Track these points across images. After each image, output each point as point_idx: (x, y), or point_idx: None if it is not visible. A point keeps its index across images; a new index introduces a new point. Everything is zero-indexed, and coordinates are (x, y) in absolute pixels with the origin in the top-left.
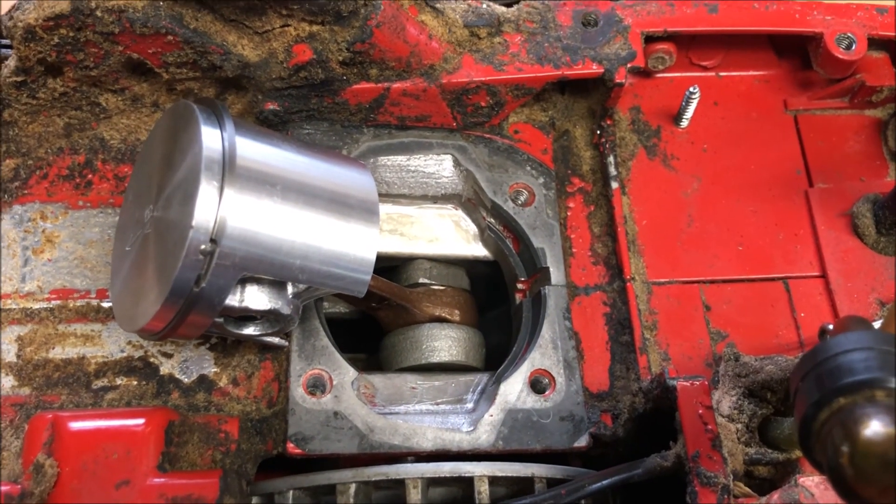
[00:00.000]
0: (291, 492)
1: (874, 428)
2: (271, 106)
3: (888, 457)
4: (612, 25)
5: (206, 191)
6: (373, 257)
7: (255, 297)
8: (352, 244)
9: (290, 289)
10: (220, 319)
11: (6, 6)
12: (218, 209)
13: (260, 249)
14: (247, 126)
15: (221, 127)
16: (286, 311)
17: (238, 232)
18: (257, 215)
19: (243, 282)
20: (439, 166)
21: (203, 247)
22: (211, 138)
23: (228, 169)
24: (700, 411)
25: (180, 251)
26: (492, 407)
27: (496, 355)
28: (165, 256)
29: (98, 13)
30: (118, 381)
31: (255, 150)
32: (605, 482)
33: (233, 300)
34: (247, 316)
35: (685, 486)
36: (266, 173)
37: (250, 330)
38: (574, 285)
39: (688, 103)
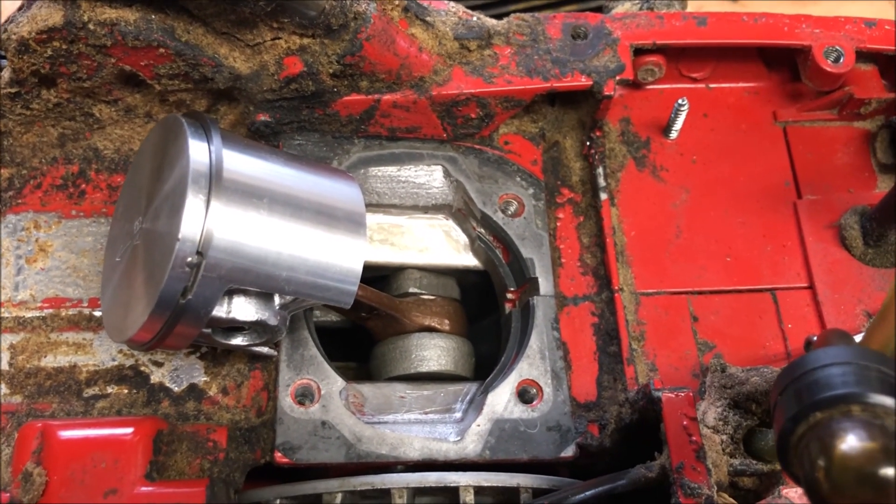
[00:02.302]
0: (278, 501)
1: (850, 442)
2: (263, 117)
3: (863, 471)
4: (601, 38)
5: (193, 203)
6: (359, 268)
7: (242, 309)
8: (338, 255)
9: (277, 300)
10: (209, 330)
11: (6, 6)
12: (205, 221)
13: (246, 261)
14: (234, 139)
15: (209, 140)
16: (273, 322)
17: (224, 244)
18: (244, 227)
19: (230, 293)
20: (430, 177)
21: (190, 259)
22: (198, 151)
23: (215, 182)
24: (685, 423)
25: (167, 263)
26: (479, 417)
27: (486, 364)
28: (153, 268)
29: (90, 26)
30: (109, 390)
31: (242, 163)
32: (588, 493)
33: (220, 311)
34: (235, 326)
35: (669, 498)
36: (253, 186)
37: (238, 340)
38: (563, 296)
39: (677, 115)
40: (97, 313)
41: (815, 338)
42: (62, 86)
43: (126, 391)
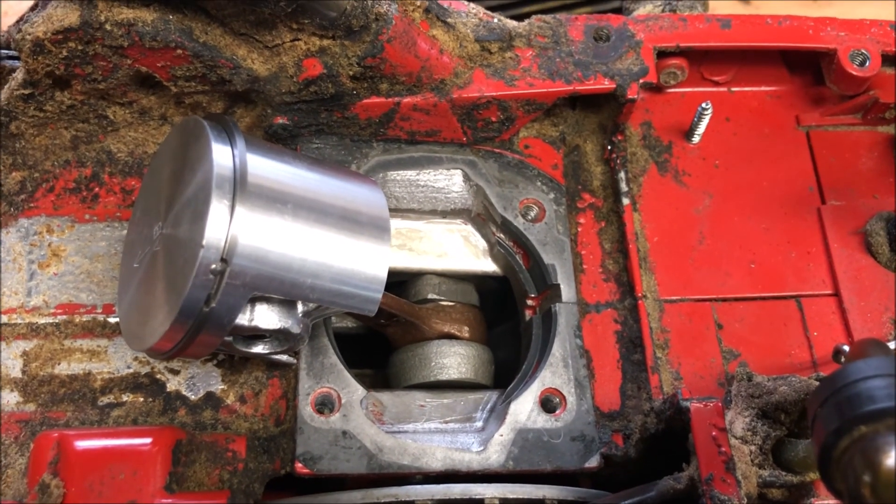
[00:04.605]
0: None
1: None
2: (280, 120)
3: None
4: (624, 40)
5: (218, 209)
6: (384, 275)
7: (265, 317)
8: (363, 262)
9: (300, 307)
10: (229, 338)
11: (6, 5)
12: (229, 228)
13: (271, 268)
14: (257, 143)
15: (232, 144)
16: (296, 329)
17: (249, 251)
18: (268, 234)
19: (253, 300)
20: (449, 181)
21: (214, 266)
22: (222, 155)
23: (240, 187)
24: (714, 433)
25: (190, 270)
26: (502, 426)
27: (504, 371)
28: (175, 275)
29: (107, 27)
30: (124, 398)
31: (266, 168)
32: None
33: (242, 319)
34: (256, 335)
35: None
36: (277, 191)
37: (259, 348)
38: (585, 302)
39: (700, 119)
40: (112, 320)
41: (845, 346)
42: (76, 87)
43: (142, 399)
